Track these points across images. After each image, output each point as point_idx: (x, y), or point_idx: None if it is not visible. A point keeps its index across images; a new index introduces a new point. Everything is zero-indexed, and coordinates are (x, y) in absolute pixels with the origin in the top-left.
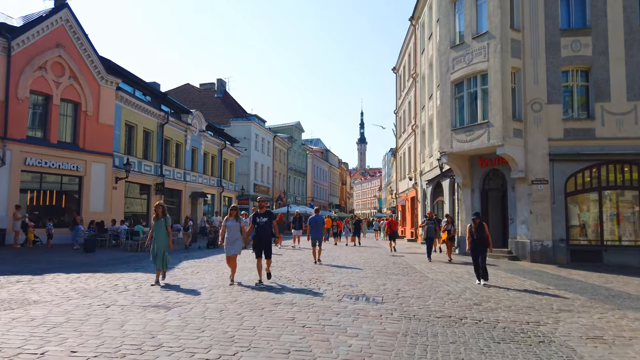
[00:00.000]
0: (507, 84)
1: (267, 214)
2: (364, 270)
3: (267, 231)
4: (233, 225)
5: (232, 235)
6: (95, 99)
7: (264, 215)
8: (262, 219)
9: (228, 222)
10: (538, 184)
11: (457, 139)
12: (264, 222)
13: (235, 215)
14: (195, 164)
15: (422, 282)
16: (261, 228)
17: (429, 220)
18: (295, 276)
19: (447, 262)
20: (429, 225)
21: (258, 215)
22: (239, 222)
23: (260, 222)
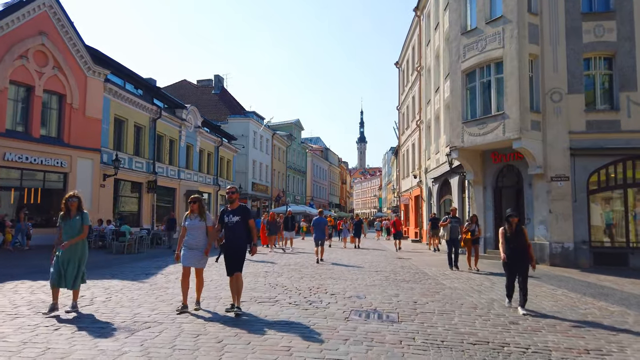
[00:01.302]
0: (524, 72)
1: (240, 211)
2: (370, 275)
3: (238, 235)
4: (195, 226)
5: (194, 239)
6: (81, 91)
7: (235, 213)
8: (233, 217)
9: (188, 221)
10: (558, 181)
11: (468, 132)
12: (235, 222)
13: (199, 212)
14: (191, 161)
15: (439, 292)
16: (231, 230)
17: (452, 218)
18: (293, 284)
19: (472, 271)
20: (452, 224)
21: (227, 212)
22: (205, 221)
23: (229, 221)
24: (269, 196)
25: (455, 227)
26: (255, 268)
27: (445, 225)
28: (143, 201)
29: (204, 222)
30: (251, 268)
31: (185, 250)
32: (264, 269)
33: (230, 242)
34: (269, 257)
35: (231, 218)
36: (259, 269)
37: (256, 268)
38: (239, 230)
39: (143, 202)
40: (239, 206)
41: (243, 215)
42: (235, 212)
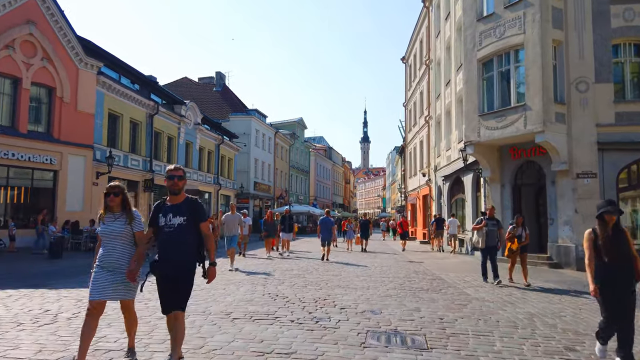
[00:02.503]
0: (547, 60)
1: (186, 208)
2: (383, 283)
3: (181, 248)
4: (115, 234)
5: (113, 254)
6: (72, 84)
7: (177, 211)
8: (174, 218)
9: (103, 225)
10: (584, 178)
11: (485, 125)
12: (177, 226)
13: (123, 209)
14: (190, 160)
15: (465, 305)
16: (169, 240)
17: (488, 220)
18: (296, 294)
19: (518, 285)
20: (489, 228)
21: (164, 209)
22: (131, 225)
23: (167, 225)
24: (271, 196)
25: (493, 231)
26: (255, 275)
27: (480, 228)
28: (139, 201)
29: (129, 227)
30: (250, 275)
31: (99, 272)
32: (264, 275)
33: (167, 260)
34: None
35: (170, 219)
36: (259, 276)
37: (255, 275)
38: (183, 239)
39: (139, 201)
40: (186, 200)
41: (191, 215)
42: (177, 209)
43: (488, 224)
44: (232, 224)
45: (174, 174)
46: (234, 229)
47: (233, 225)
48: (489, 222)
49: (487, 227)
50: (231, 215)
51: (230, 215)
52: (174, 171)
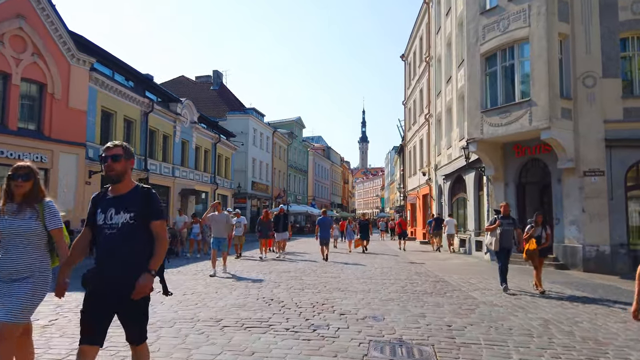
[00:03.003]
0: (553, 54)
1: (135, 201)
2: (384, 286)
3: (127, 255)
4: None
5: (14, 260)
6: (64, 80)
7: (121, 204)
8: (117, 215)
9: (2, 220)
10: (592, 176)
11: (489, 122)
12: (122, 225)
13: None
14: (186, 159)
15: (473, 310)
16: (110, 245)
17: (502, 219)
18: (292, 298)
19: (536, 293)
20: (504, 228)
21: (106, 200)
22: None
23: (107, 224)
24: (269, 195)
25: (508, 231)
26: (249, 275)
27: (494, 228)
28: None
29: (40, 224)
30: (244, 275)
31: None
32: (259, 276)
33: (105, 274)
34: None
35: (112, 216)
36: (254, 278)
37: (251, 275)
38: (129, 244)
39: None
40: (134, 190)
41: (141, 211)
42: (122, 202)
43: (503, 224)
44: (220, 225)
45: (108, 153)
46: (222, 230)
47: (221, 226)
48: (504, 222)
49: (502, 226)
50: (218, 215)
51: (217, 215)
52: (108, 150)
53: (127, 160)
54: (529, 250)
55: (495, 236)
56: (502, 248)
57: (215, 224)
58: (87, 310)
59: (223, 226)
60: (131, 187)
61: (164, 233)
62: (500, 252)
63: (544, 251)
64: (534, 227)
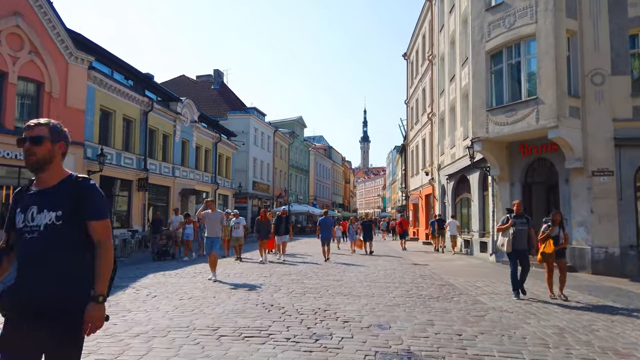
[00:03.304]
0: (561, 51)
1: (63, 193)
2: (388, 290)
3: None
4: None
5: None
6: (62, 79)
7: (46, 199)
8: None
9: None
10: (600, 176)
11: (494, 121)
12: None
13: None
14: (186, 158)
15: (483, 317)
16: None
17: (516, 218)
18: (293, 304)
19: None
20: (517, 227)
21: (28, 196)
22: None
23: (29, 225)
24: (270, 195)
25: (522, 231)
26: (249, 278)
27: (506, 228)
28: (133, 200)
29: None
30: (244, 278)
31: None
32: (259, 280)
33: (24, 289)
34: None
35: (33, 216)
36: (253, 282)
37: (250, 279)
38: (53, 252)
39: (133, 201)
40: (65, 182)
41: (72, 208)
42: (46, 198)
43: (516, 223)
44: (215, 224)
45: (26, 134)
46: (216, 230)
47: (215, 226)
48: (517, 221)
49: (515, 226)
50: (212, 214)
51: (211, 213)
52: (28, 130)
53: (53, 144)
54: (544, 252)
55: (508, 237)
56: (514, 250)
57: (209, 223)
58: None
59: (218, 225)
60: (61, 178)
61: (107, 239)
62: (512, 254)
63: (561, 252)
64: (551, 227)
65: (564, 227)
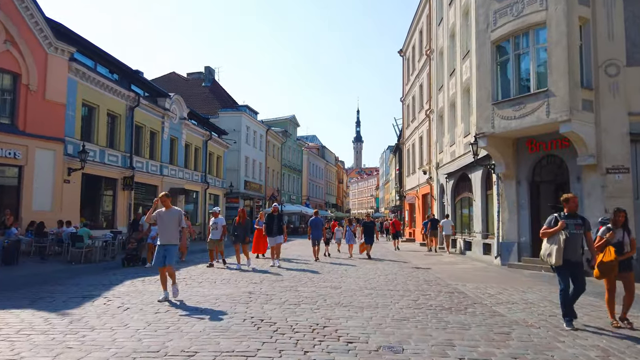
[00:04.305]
0: (574, 39)
1: None
2: (392, 299)
3: None
4: None
5: None
6: (40, 71)
7: None
8: None
9: None
10: (615, 173)
11: (500, 115)
12: None
13: None
14: (175, 156)
15: (509, 333)
16: None
17: (568, 218)
18: (286, 317)
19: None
20: (570, 231)
21: None
22: None
23: None
24: (262, 195)
25: (577, 236)
26: (237, 286)
27: (554, 232)
28: (118, 200)
29: None
30: (231, 286)
31: None
32: (248, 287)
33: None
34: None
35: None
36: (241, 288)
37: (239, 286)
38: None
39: (118, 201)
40: None
41: None
42: None
43: (568, 225)
44: (168, 226)
45: None
46: (171, 234)
47: (169, 227)
48: (569, 222)
49: (567, 229)
50: (166, 213)
51: (164, 212)
52: None
53: None
54: (604, 263)
55: (557, 244)
56: (565, 261)
57: (162, 225)
58: None
59: (174, 228)
60: None
61: None
62: (562, 268)
63: (626, 264)
64: (612, 231)
65: (629, 229)
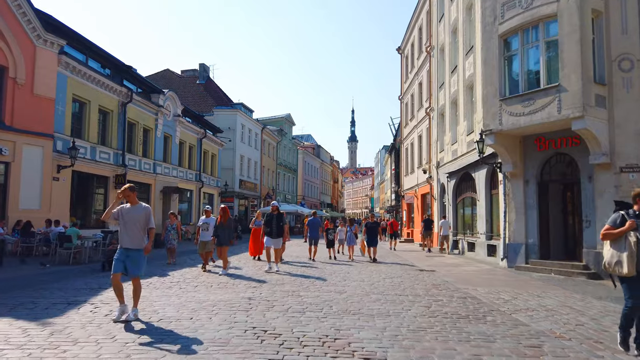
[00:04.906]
0: (587, 32)
1: None
2: (403, 305)
3: None
4: None
5: None
6: (29, 64)
7: None
8: None
9: None
10: (630, 172)
11: (508, 111)
12: None
13: None
14: (169, 154)
15: (540, 347)
16: None
17: (638, 218)
18: (291, 328)
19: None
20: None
21: None
22: None
23: None
24: (257, 194)
25: None
26: (235, 291)
27: (620, 234)
28: (110, 198)
29: None
30: (229, 291)
31: None
32: (247, 292)
33: None
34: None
35: None
36: (240, 294)
37: (237, 291)
38: None
39: (110, 199)
40: None
41: None
42: None
43: (639, 225)
44: (132, 226)
45: None
46: (134, 235)
47: (133, 228)
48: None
49: (638, 230)
50: (131, 210)
51: (129, 209)
52: None
53: None
54: None
55: (628, 249)
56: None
57: (123, 225)
58: None
59: (138, 229)
60: None
61: None
62: (634, 280)
63: None
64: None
65: None
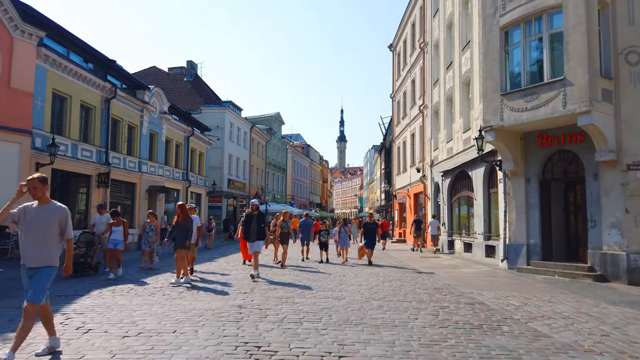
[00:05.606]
0: (593, 23)
1: None
2: (408, 312)
3: None
4: None
5: None
6: (5, 56)
7: None
8: None
9: None
10: (637, 170)
11: (510, 106)
12: None
13: None
14: (155, 152)
15: None
16: None
17: None
18: (288, 343)
19: None
20: None
21: None
22: None
23: None
24: (246, 194)
25: None
26: (224, 298)
27: None
28: (92, 198)
29: None
30: (217, 298)
31: None
32: (237, 298)
33: None
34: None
35: None
36: (229, 301)
37: (226, 298)
38: None
39: (92, 199)
40: None
41: None
42: None
43: None
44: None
45: None
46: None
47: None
48: None
49: None
50: (39, 210)
51: (35, 209)
52: None
53: None
54: None
55: None
56: None
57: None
58: None
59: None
60: None
61: None
62: None
63: None
64: None
65: None
